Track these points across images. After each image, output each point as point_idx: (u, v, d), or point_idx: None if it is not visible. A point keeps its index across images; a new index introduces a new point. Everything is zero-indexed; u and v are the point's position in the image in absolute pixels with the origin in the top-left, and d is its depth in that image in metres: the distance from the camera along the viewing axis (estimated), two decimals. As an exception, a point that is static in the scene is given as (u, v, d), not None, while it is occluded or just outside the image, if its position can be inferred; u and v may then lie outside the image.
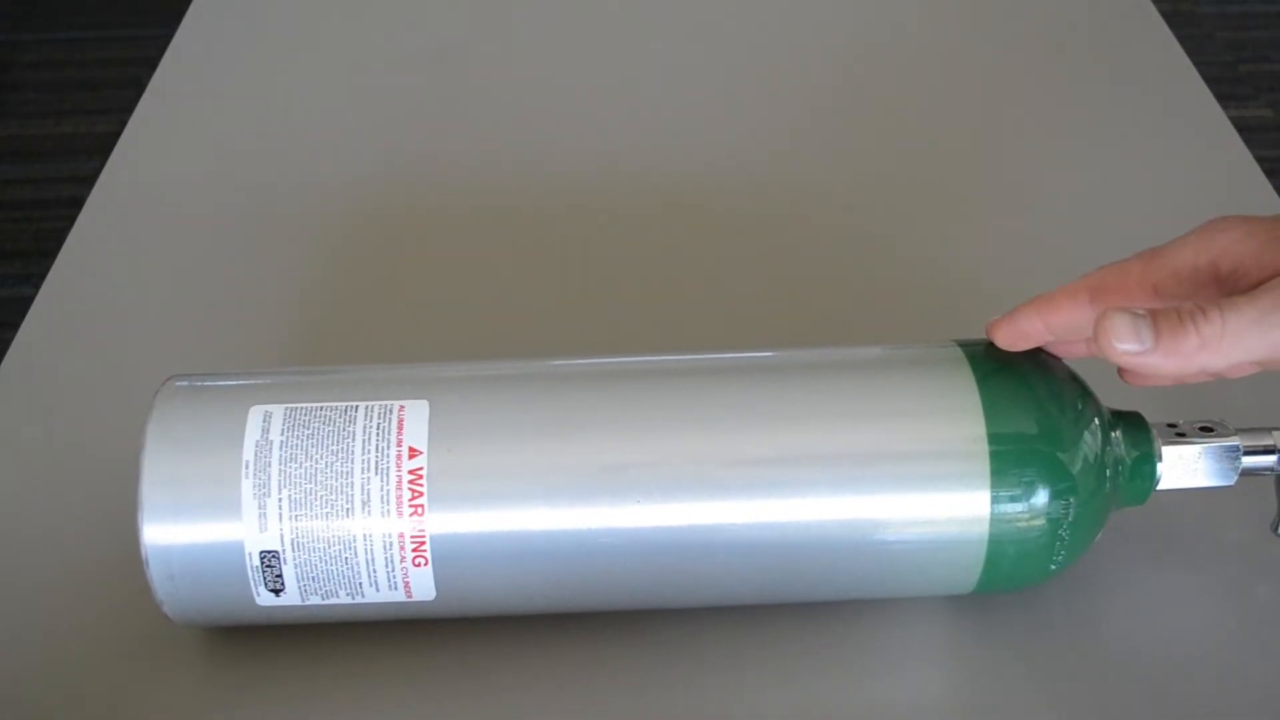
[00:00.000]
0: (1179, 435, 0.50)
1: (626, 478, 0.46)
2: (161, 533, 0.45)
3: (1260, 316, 0.42)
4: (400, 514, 0.45)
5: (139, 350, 0.64)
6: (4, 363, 0.63)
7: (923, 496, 0.47)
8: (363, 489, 0.45)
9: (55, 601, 0.52)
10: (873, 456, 0.47)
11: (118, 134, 0.78)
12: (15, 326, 0.65)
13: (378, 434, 0.45)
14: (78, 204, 0.73)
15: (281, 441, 0.45)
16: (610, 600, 0.49)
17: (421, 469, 0.45)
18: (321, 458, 0.45)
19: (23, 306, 0.66)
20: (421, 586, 0.46)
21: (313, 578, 0.46)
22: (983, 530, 0.47)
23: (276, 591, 0.46)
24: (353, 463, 0.45)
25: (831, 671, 0.50)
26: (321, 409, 0.46)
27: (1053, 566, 0.49)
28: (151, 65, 0.84)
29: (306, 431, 0.46)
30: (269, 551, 0.45)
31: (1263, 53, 2.16)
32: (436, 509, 0.45)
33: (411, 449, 0.45)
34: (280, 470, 0.45)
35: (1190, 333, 0.42)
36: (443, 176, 0.75)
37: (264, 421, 0.46)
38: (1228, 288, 0.46)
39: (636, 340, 0.63)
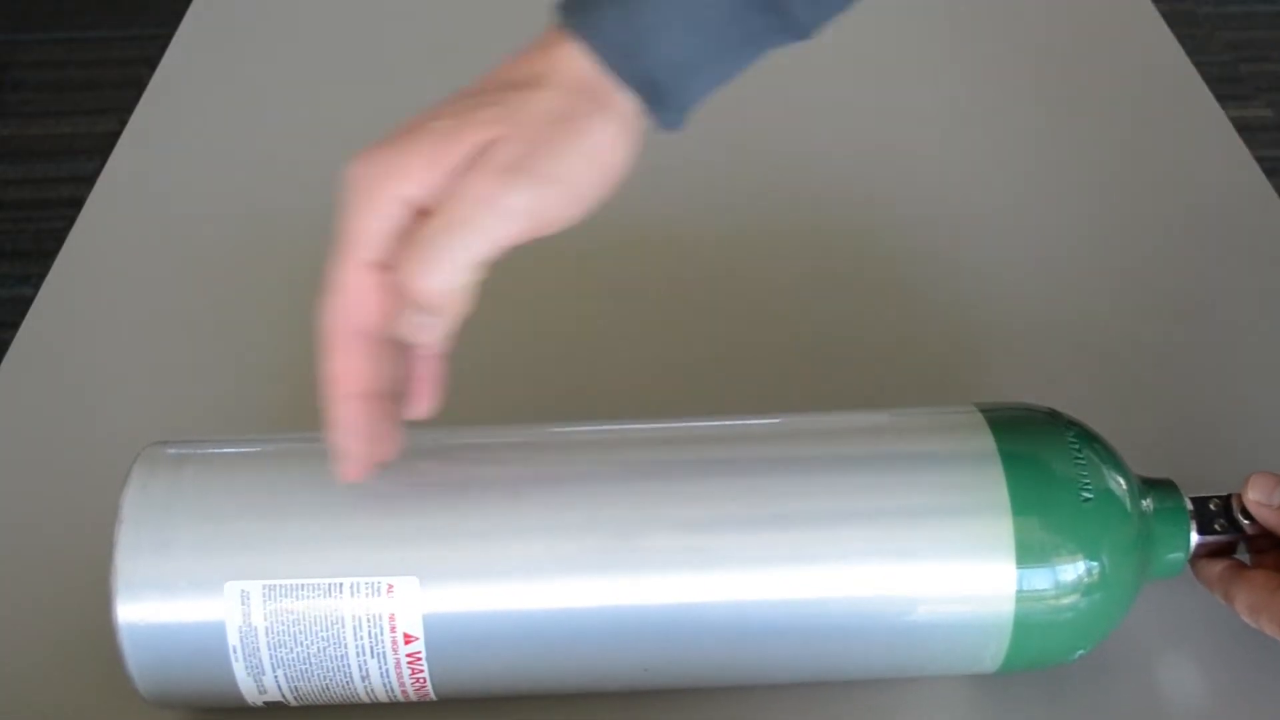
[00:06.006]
0: (1219, 520, 0.48)
1: (629, 553, 0.44)
2: (155, 683, 0.45)
3: None
4: (402, 685, 0.45)
5: (138, 351, 0.64)
6: (3, 363, 0.63)
7: (945, 574, 0.44)
8: (360, 668, 0.44)
9: (43, 607, 0.52)
10: (891, 531, 0.44)
11: (118, 134, 0.78)
12: (15, 326, 0.65)
13: (368, 622, 0.43)
14: (78, 204, 0.73)
15: (266, 628, 0.43)
16: (613, 682, 0.47)
17: (420, 653, 0.44)
18: (313, 644, 0.43)
19: (23, 306, 0.66)
20: (425, 699, 0.46)
21: (317, 706, 0.46)
22: (1008, 609, 0.44)
23: (281, 711, 0.47)
24: (346, 648, 0.44)
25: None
26: (303, 587, 0.43)
27: (1081, 645, 0.46)
28: (151, 65, 0.84)
29: (291, 617, 0.43)
30: (273, 702, 0.45)
31: (1263, 53, 2.16)
32: (439, 676, 0.45)
33: (407, 635, 0.44)
34: (271, 655, 0.44)
35: None
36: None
37: (243, 603, 0.43)
38: None
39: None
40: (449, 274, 0.38)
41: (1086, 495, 0.45)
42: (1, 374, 0.63)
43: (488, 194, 0.38)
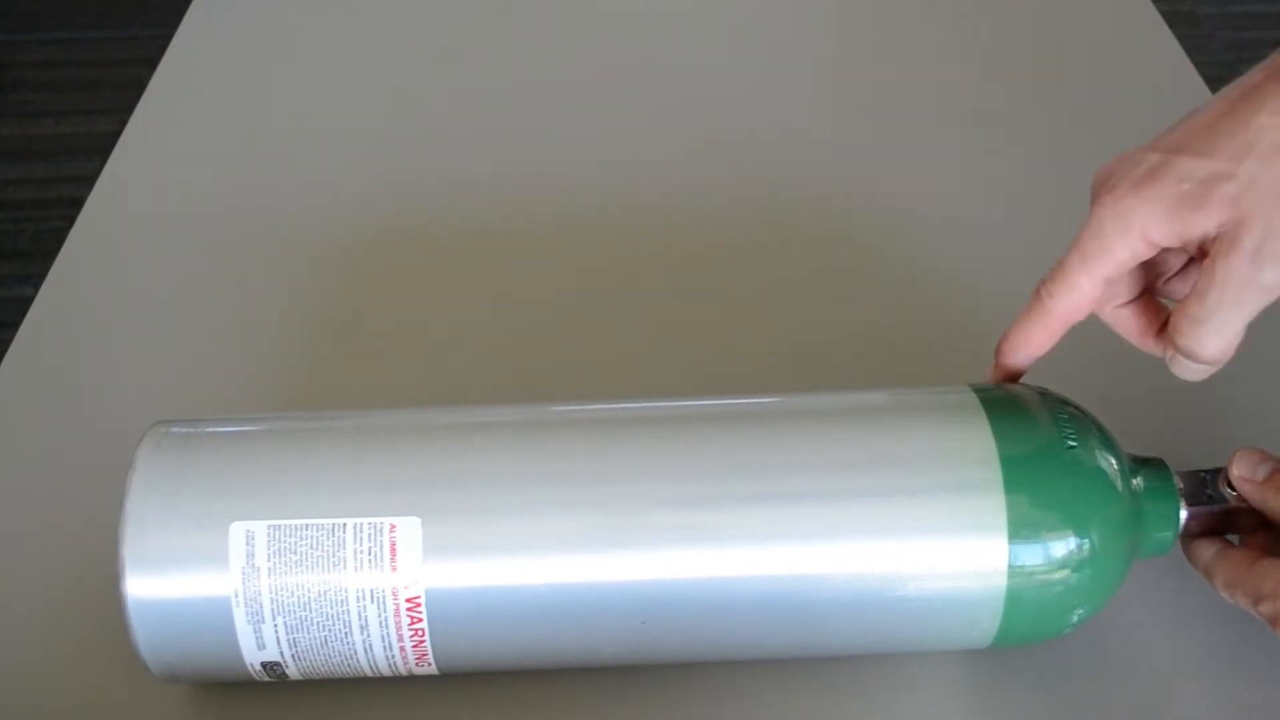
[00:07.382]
0: (1209, 497, 0.48)
1: (624, 530, 0.45)
2: (156, 644, 0.45)
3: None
4: (400, 636, 0.45)
5: (138, 350, 0.64)
6: (3, 363, 0.63)
7: (937, 549, 0.45)
8: (359, 614, 0.44)
9: (44, 607, 0.53)
10: (885, 508, 0.45)
11: (118, 134, 0.78)
12: (15, 326, 0.65)
13: (370, 560, 0.44)
14: (78, 204, 0.73)
15: (269, 568, 0.44)
16: (613, 656, 0.47)
17: (419, 597, 0.44)
18: (314, 586, 0.44)
19: (23, 306, 0.66)
20: (425, 670, 0.47)
21: (316, 672, 0.46)
22: (1000, 583, 0.45)
23: (281, 679, 0.47)
24: (347, 591, 0.44)
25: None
26: (306, 528, 0.44)
27: (1073, 620, 0.47)
28: (151, 65, 0.84)
29: (294, 556, 0.44)
30: (270, 662, 0.46)
31: (1263, 53, 2.15)
32: (437, 628, 0.45)
33: (407, 584, 0.44)
34: (272, 599, 0.44)
35: None
36: (447, 181, 0.75)
37: (247, 544, 0.44)
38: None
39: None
40: (1226, 342, 0.46)
41: (1077, 472, 0.46)
42: (1, 374, 0.63)
43: (1248, 277, 0.45)
